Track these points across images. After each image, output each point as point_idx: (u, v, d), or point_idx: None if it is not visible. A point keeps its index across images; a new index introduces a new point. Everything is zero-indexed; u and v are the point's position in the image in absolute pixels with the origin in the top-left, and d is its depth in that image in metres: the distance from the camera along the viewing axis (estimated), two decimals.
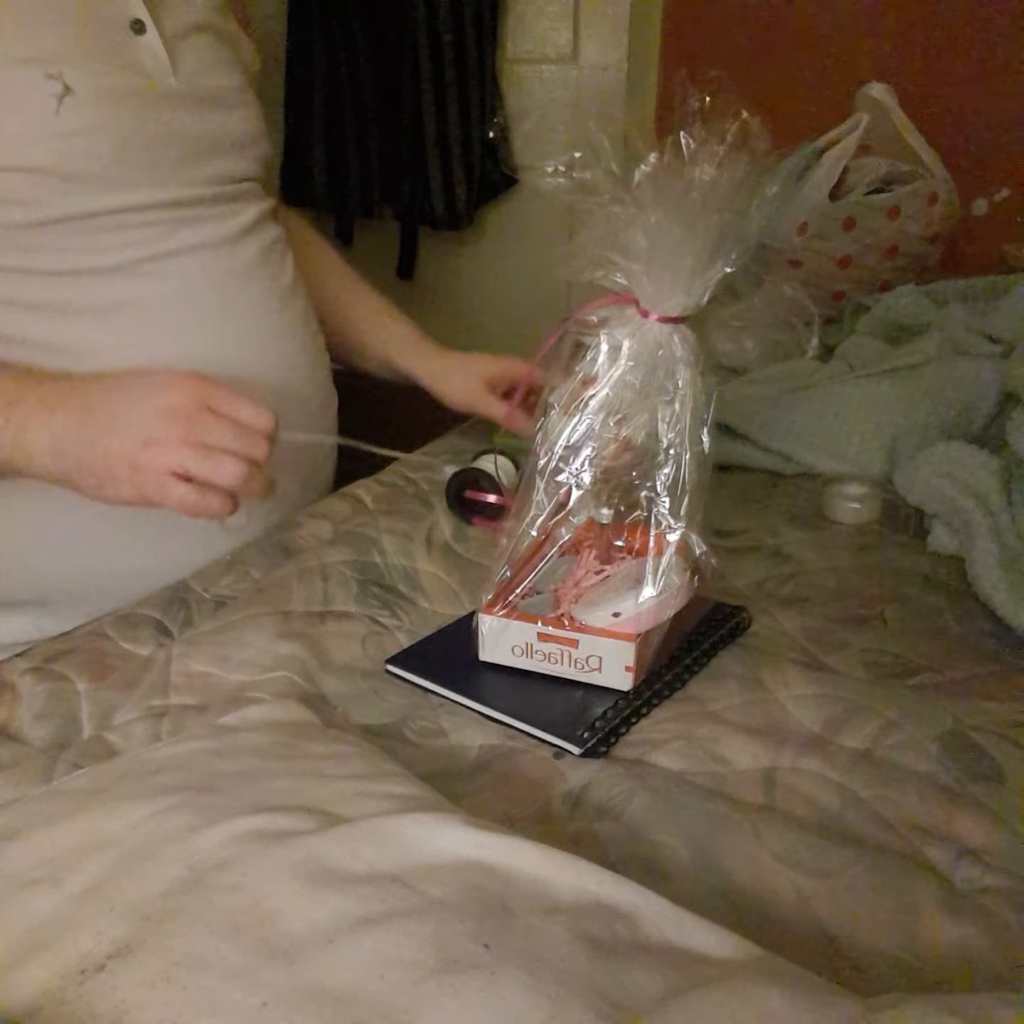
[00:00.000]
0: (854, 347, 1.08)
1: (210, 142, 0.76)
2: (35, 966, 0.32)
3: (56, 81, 0.65)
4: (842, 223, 1.24)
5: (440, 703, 0.56)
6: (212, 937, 0.32)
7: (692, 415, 0.55)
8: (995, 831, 0.45)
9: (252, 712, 0.50)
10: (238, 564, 0.72)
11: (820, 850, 0.43)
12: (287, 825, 0.37)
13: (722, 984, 0.31)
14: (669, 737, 0.52)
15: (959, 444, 0.81)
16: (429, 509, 0.82)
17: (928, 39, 1.66)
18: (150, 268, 0.72)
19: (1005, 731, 0.52)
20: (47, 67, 0.65)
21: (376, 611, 0.66)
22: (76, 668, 0.58)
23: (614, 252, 0.53)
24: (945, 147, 1.29)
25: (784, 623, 0.65)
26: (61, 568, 0.74)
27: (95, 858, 0.36)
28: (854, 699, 0.55)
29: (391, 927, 0.32)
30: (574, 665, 0.56)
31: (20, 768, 0.49)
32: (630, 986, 0.31)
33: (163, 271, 0.73)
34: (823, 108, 1.39)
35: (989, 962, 0.38)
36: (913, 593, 0.69)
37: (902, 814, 0.46)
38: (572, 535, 0.57)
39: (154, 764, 0.43)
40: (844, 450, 0.91)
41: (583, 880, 0.35)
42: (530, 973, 0.30)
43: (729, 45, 1.85)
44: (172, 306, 0.74)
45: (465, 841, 0.36)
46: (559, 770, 0.50)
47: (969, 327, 1.01)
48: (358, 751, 0.46)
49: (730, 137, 0.50)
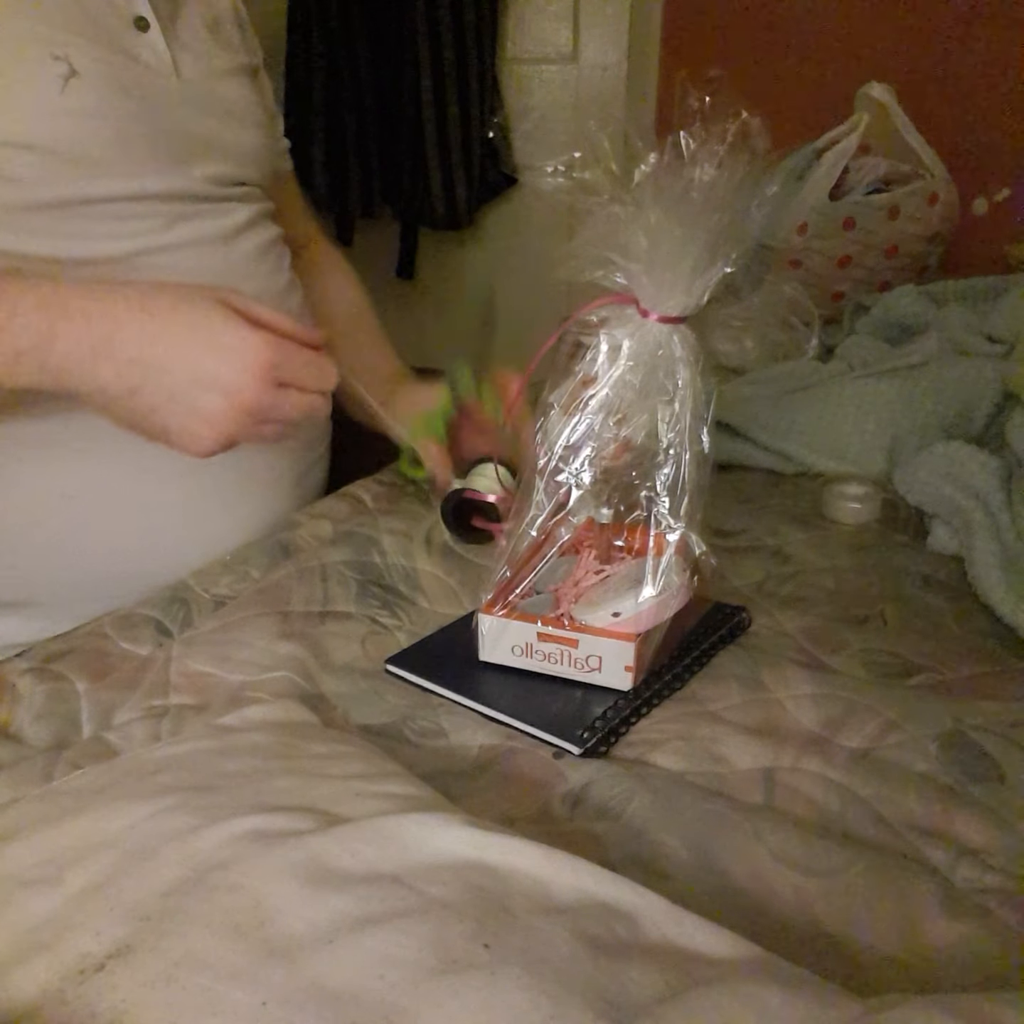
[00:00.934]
0: (854, 347, 1.08)
1: (211, 143, 0.76)
2: (35, 966, 0.32)
3: (62, 62, 0.65)
4: (842, 223, 1.24)
5: (440, 703, 0.56)
6: (212, 937, 0.32)
7: (692, 415, 0.55)
8: (995, 831, 0.45)
9: (252, 712, 0.50)
10: (238, 564, 0.72)
11: (820, 850, 0.43)
12: (287, 825, 0.37)
13: (722, 984, 0.31)
14: (669, 737, 0.52)
15: (959, 444, 0.81)
16: (429, 509, 0.82)
17: (928, 39, 1.66)
18: (146, 261, 0.72)
19: (1005, 731, 0.52)
20: (53, 48, 0.65)
21: (376, 611, 0.66)
22: (76, 668, 0.58)
23: (614, 252, 0.53)
24: (945, 147, 1.30)
25: (784, 623, 0.65)
26: (57, 569, 0.74)
27: (95, 858, 0.36)
28: (854, 699, 0.55)
29: (391, 927, 0.32)
30: (574, 665, 0.56)
31: (20, 768, 0.49)
32: (630, 986, 0.31)
33: (159, 265, 0.73)
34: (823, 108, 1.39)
35: (989, 962, 0.38)
36: (913, 593, 0.69)
37: (902, 814, 0.46)
38: (572, 535, 0.57)
39: (154, 764, 0.43)
40: (844, 450, 0.91)
41: (583, 880, 0.35)
42: (530, 973, 0.30)
43: (729, 45, 1.85)
44: None
45: (465, 841, 0.36)
46: (559, 770, 0.50)
47: (969, 327, 1.01)
48: (358, 751, 0.46)
49: (730, 137, 0.50)
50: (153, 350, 0.58)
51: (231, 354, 0.59)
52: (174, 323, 0.59)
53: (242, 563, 0.72)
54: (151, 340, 0.58)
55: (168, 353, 0.58)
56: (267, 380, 0.59)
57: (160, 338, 0.59)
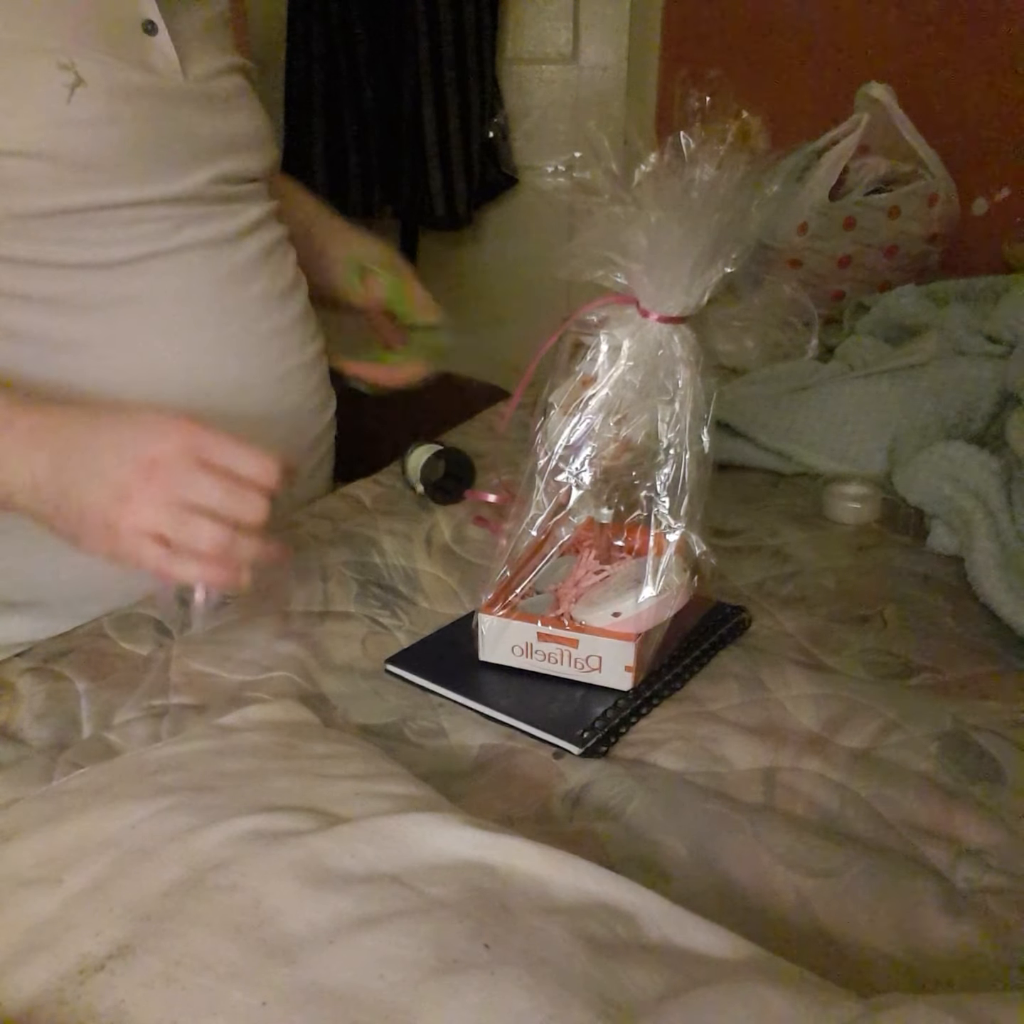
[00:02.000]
0: (854, 347, 1.08)
1: (218, 142, 0.76)
2: (35, 966, 0.32)
3: (69, 71, 0.65)
4: (842, 223, 1.24)
5: (440, 703, 0.56)
6: (212, 937, 0.32)
7: (692, 415, 0.55)
8: (995, 831, 0.45)
9: (252, 712, 0.50)
10: None
11: (820, 850, 0.43)
12: (287, 825, 0.37)
13: (722, 984, 0.31)
14: (669, 737, 0.52)
15: (959, 444, 0.81)
16: (428, 510, 0.82)
17: (928, 39, 1.66)
18: (155, 264, 0.72)
19: (1005, 731, 0.52)
20: (60, 57, 0.65)
21: (376, 611, 0.66)
22: (76, 668, 0.58)
23: (614, 252, 0.53)
24: (945, 147, 1.30)
25: (784, 623, 0.65)
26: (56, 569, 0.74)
27: (95, 858, 0.36)
28: (854, 699, 0.55)
29: (391, 927, 0.32)
30: (574, 665, 0.56)
31: (20, 768, 0.49)
32: (630, 986, 0.31)
33: (167, 268, 0.73)
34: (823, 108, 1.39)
35: (989, 962, 0.38)
36: (913, 593, 0.69)
37: (902, 814, 0.46)
38: (572, 535, 0.57)
39: (154, 764, 0.43)
40: (844, 450, 0.91)
41: (583, 880, 0.35)
42: (530, 973, 0.30)
43: (729, 45, 1.85)
44: (173, 303, 0.74)
45: (465, 841, 0.36)
46: (559, 770, 0.50)
47: (969, 327, 1.01)
48: (358, 751, 0.46)
49: (730, 137, 0.50)
50: (84, 436, 0.58)
51: (153, 426, 0.57)
52: (115, 419, 0.59)
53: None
54: (88, 430, 0.58)
55: (98, 433, 0.58)
56: (186, 452, 0.55)
57: (97, 427, 0.58)
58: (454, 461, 0.85)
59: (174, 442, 0.55)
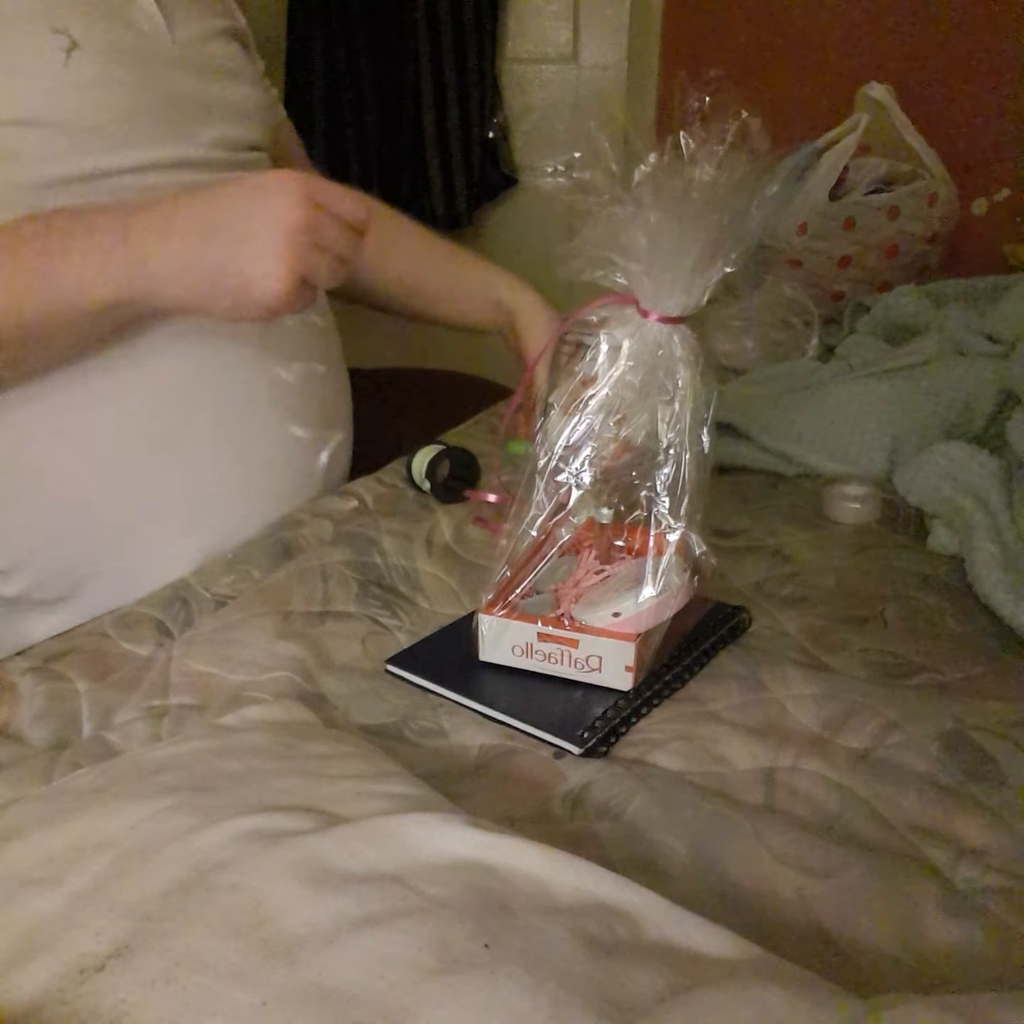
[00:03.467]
0: (854, 347, 1.08)
1: (213, 107, 0.76)
2: (35, 966, 0.32)
3: (63, 35, 0.65)
4: (842, 223, 1.24)
5: (440, 703, 0.56)
6: (212, 937, 0.32)
7: (692, 415, 0.55)
8: (995, 831, 0.45)
9: (252, 712, 0.50)
10: (239, 563, 0.72)
11: (820, 850, 0.43)
12: (287, 825, 0.37)
13: (722, 984, 0.31)
14: (669, 737, 0.52)
15: (959, 444, 0.81)
16: (429, 510, 0.82)
17: (928, 39, 1.66)
18: None
19: (1005, 731, 0.52)
20: (53, 21, 0.65)
21: (376, 611, 0.66)
22: (76, 668, 0.58)
23: (614, 252, 0.53)
24: (945, 147, 1.30)
25: (784, 623, 0.65)
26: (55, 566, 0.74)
27: (95, 858, 0.36)
28: (854, 699, 0.55)
29: (391, 927, 0.32)
30: (574, 665, 0.56)
31: (20, 768, 0.49)
32: (630, 986, 0.31)
33: None
34: (823, 108, 1.39)
35: (989, 962, 0.38)
36: (913, 593, 0.69)
37: (902, 814, 0.46)
38: (572, 535, 0.57)
39: (154, 764, 0.43)
40: (844, 450, 0.91)
41: (583, 880, 0.35)
42: (530, 973, 0.30)
43: (729, 45, 1.85)
44: None
45: (465, 841, 0.36)
46: (559, 770, 0.50)
47: (969, 327, 1.01)
48: (358, 751, 0.46)
49: (730, 137, 0.50)
50: (208, 213, 0.62)
51: (270, 187, 0.62)
52: (219, 192, 0.64)
53: (244, 562, 0.73)
54: (204, 208, 0.62)
55: (221, 207, 0.62)
56: (307, 201, 0.61)
57: (210, 203, 0.63)
58: (460, 460, 0.85)
59: (296, 194, 0.61)
